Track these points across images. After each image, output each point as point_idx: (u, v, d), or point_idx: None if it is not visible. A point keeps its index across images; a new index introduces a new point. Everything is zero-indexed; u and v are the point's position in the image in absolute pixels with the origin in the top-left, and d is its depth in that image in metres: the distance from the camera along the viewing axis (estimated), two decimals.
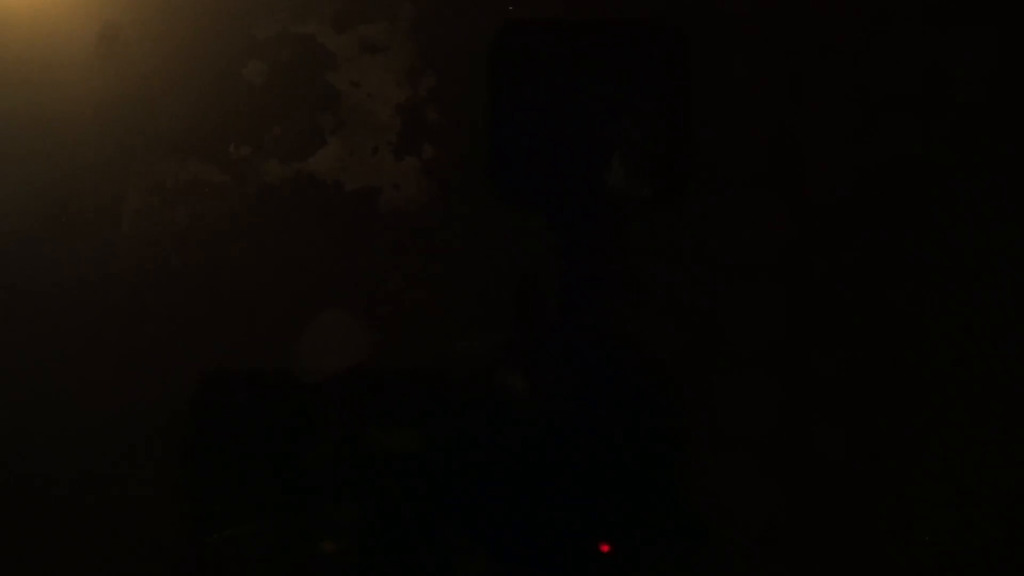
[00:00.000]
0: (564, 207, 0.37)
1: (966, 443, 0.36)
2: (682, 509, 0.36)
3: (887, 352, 0.37)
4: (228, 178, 0.38)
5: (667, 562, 0.36)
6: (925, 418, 0.36)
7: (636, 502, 0.36)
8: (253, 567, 0.36)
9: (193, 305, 0.38)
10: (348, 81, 0.39)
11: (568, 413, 0.37)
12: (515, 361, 0.37)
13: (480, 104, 0.38)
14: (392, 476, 0.36)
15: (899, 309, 0.37)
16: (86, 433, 0.37)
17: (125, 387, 0.37)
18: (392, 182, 0.38)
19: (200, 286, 0.38)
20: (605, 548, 0.36)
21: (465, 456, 0.36)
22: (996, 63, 0.38)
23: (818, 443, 0.36)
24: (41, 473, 0.37)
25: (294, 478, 0.37)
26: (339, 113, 0.39)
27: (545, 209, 0.37)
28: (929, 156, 0.38)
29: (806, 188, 0.37)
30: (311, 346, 0.38)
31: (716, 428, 0.37)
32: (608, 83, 0.38)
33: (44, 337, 0.37)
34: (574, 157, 0.37)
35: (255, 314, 0.38)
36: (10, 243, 0.38)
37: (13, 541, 0.37)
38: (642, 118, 0.37)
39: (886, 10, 0.38)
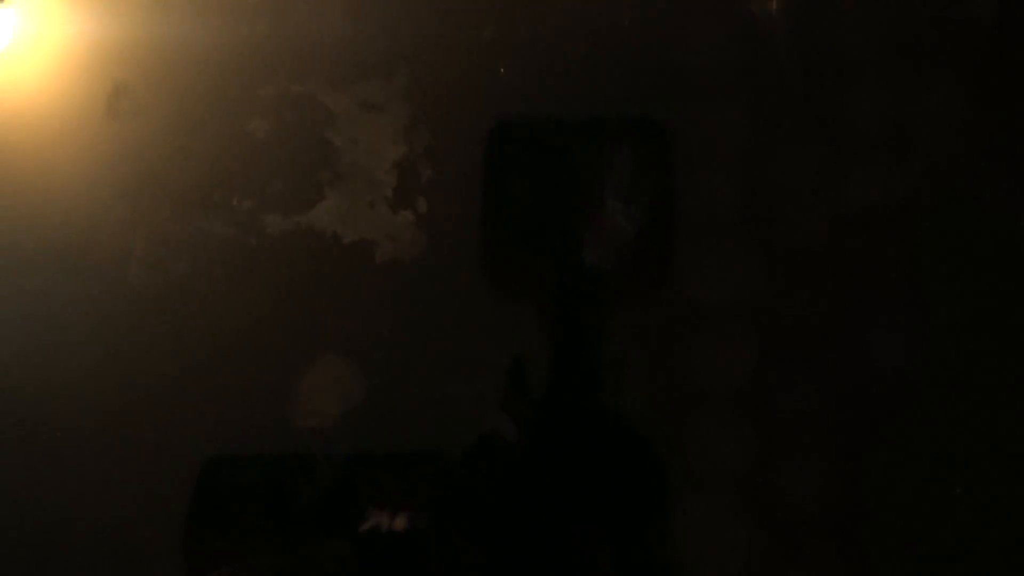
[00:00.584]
0: (551, 283, 0.39)
1: (940, 483, 0.38)
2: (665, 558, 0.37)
3: (858, 396, 0.38)
4: (231, 230, 0.40)
5: None
6: (896, 459, 0.38)
7: (619, 555, 0.37)
8: None
9: (196, 349, 0.39)
10: (346, 138, 0.41)
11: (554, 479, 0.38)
12: (506, 406, 0.38)
13: (473, 163, 0.40)
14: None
15: (871, 354, 0.39)
16: (85, 476, 0.39)
17: (126, 432, 0.39)
18: (388, 234, 0.40)
19: (202, 332, 0.39)
20: None
21: (455, 506, 0.38)
22: (962, 113, 0.40)
23: (791, 484, 0.38)
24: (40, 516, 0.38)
25: (289, 520, 0.38)
26: (337, 168, 0.41)
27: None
28: (898, 206, 0.39)
29: (778, 239, 0.39)
30: (309, 391, 0.39)
31: (691, 472, 0.38)
32: (595, 155, 0.40)
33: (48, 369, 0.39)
34: (559, 229, 0.39)
35: (255, 359, 0.39)
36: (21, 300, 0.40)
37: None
38: (625, 186, 0.39)
39: (853, 63, 0.40)
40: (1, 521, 0.38)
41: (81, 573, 0.38)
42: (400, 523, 0.37)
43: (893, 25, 0.41)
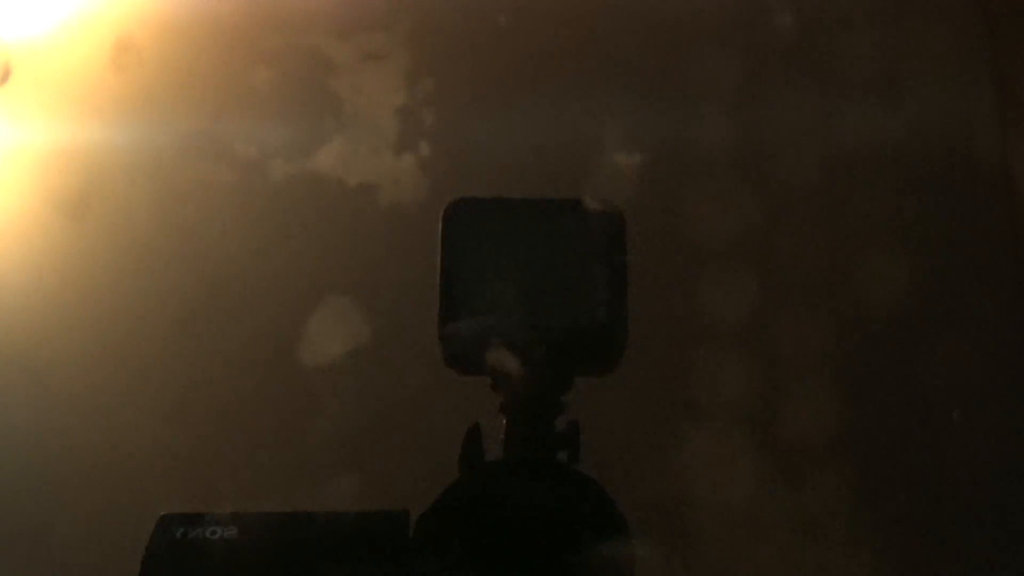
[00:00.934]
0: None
1: (938, 409, 0.39)
2: None
3: (857, 329, 0.39)
4: (236, 176, 0.41)
5: None
6: (895, 388, 0.39)
7: None
8: None
9: (204, 292, 0.40)
10: (349, 87, 0.42)
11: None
12: (509, 344, 0.39)
13: (473, 109, 0.41)
14: None
15: (868, 289, 0.39)
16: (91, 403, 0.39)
17: (134, 363, 0.39)
18: (392, 178, 0.41)
19: (210, 275, 0.40)
20: None
21: None
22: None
23: (794, 416, 0.38)
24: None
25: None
26: (341, 116, 0.41)
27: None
28: (891, 144, 0.40)
29: (776, 179, 0.40)
30: (316, 330, 0.40)
31: (698, 406, 0.39)
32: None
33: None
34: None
35: (263, 301, 0.40)
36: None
37: None
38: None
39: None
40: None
41: None
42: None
43: None
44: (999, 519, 0.38)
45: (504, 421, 0.36)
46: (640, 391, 0.39)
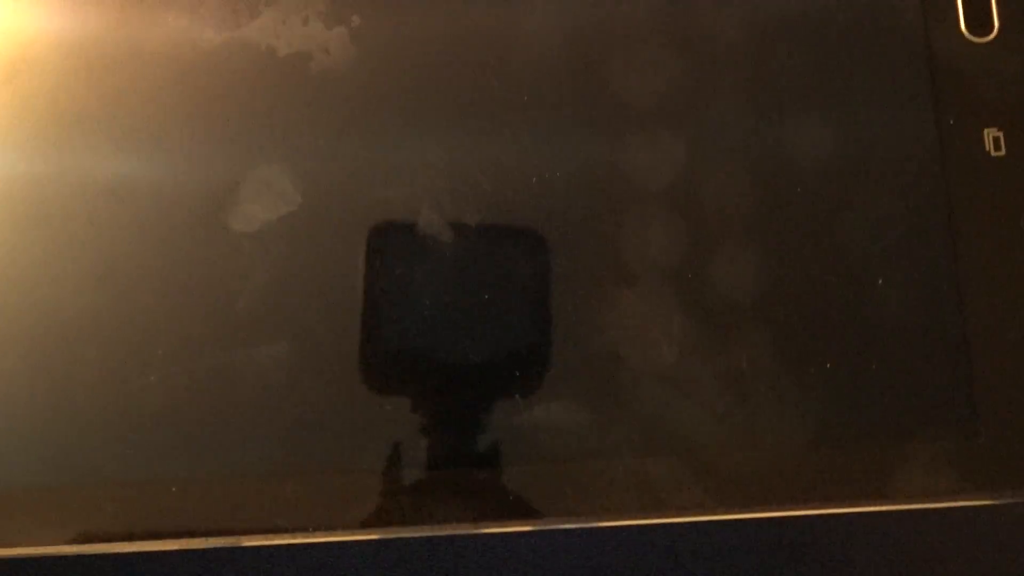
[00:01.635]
0: None
1: (863, 273, 0.39)
2: None
3: (782, 190, 0.39)
4: (166, 46, 0.41)
5: None
6: (820, 250, 0.39)
7: None
8: None
9: (133, 159, 0.40)
10: None
11: None
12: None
13: None
14: None
15: (792, 150, 0.40)
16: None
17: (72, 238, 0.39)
18: (322, 47, 0.41)
19: (140, 143, 0.40)
20: None
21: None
22: None
23: (720, 276, 0.39)
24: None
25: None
26: None
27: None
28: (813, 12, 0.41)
29: (698, 43, 0.40)
30: (245, 197, 0.40)
31: (624, 267, 0.39)
32: None
33: None
34: None
35: (194, 168, 0.40)
36: None
37: None
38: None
39: None
40: None
41: None
42: None
43: None
44: (922, 376, 0.39)
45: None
46: (568, 257, 0.39)
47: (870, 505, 0.39)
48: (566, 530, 0.40)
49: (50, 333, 0.39)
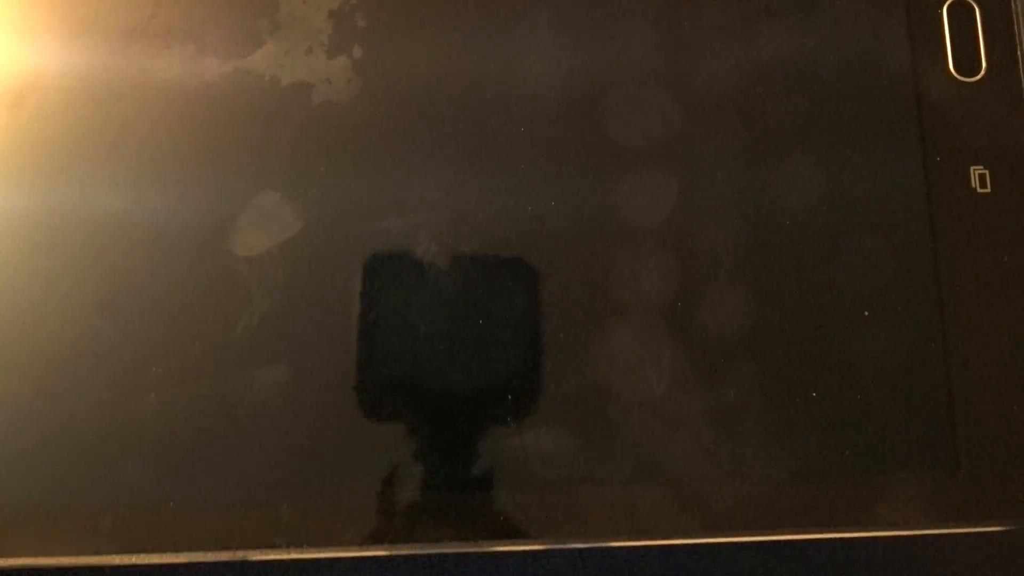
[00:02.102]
0: None
1: (850, 309, 0.40)
2: None
3: (773, 229, 0.40)
4: (171, 74, 0.42)
5: None
6: (810, 287, 0.40)
7: None
8: None
9: (137, 186, 0.41)
10: None
11: None
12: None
13: (405, 14, 0.42)
14: None
15: (785, 189, 0.41)
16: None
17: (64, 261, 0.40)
18: (324, 78, 0.42)
19: (144, 170, 0.41)
20: None
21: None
22: None
23: (710, 312, 0.40)
24: None
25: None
26: (275, 17, 0.42)
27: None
28: (809, 54, 0.42)
29: (694, 86, 0.41)
30: (246, 224, 0.41)
31: (616, 302, 0.40)
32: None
33: None
34: None
35: (197, 195, 0.41)
36: None
37: None
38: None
39: None
40: None
41: None
42: None
43: None
44: (905, 412, 0.39)
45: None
46: (561, 289, 0.40)
47: (852, 531, 0.40)
48: (556, 551, 0.41)
49: (52, 357, 0.40)
